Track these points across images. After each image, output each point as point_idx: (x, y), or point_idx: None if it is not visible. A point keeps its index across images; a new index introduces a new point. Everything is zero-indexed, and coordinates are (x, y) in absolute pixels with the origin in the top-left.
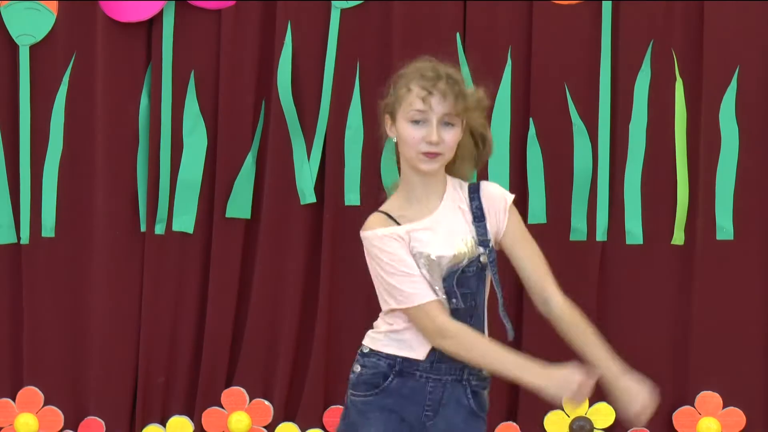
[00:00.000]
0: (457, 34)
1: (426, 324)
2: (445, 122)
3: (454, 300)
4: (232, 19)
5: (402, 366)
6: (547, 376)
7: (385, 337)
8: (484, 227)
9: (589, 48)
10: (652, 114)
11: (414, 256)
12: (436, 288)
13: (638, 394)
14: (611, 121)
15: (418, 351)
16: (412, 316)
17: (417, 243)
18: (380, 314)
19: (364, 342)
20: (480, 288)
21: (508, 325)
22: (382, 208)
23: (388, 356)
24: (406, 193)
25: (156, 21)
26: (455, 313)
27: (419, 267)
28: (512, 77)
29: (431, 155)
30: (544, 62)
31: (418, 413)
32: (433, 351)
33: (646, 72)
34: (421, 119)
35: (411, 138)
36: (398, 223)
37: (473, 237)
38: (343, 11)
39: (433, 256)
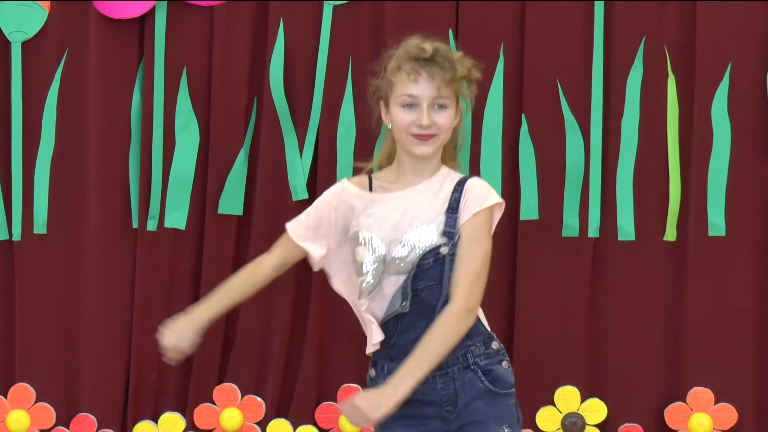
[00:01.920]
0: (450, 31)
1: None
2: (438, 105)
3: (404, 303)
4: (224, 16)
5: None
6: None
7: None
8: (455, 220)
9: (582, 44)
10: (645, 110)
11: (358, 232)
12: (369, 273)
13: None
14: (603, 118)
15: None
16: None
17: (372, 218)
18: None
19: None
20: (447, 276)
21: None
22: (375, 173)
23: (390, 370)
24: (397, 169)
25: (148, 18)
26: (426, 308)
27: (360, 244)
28: (505, 74)
29: (423, 137)
30: (536, 59)
31: (438, 411)
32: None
33: (638, 68)
34: (412, 103)
35: (402, 122)
36: (371, 190)
37: (439, 226)
38: (335, 8)
39: (380, 239)
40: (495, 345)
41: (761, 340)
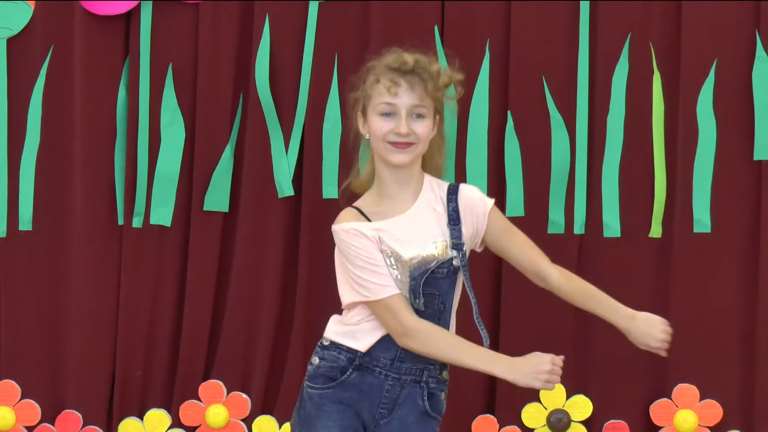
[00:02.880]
0: (435, 28)
1: (389, 320)
2: (416, 114)
3: (417, 300)
4: (210, 13)
5: (362, 360)
6: (516, 368)
7: (344, 328)
8: (459, 230)
9: (568, 41)
10: (630, 107)
11: (382, 252)
12: (400, 287)
13: (656, 324)
14: (589, 114)
15: (361, 342)
16: (376, 311)
17: (386, 241)
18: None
19: (325, 334)
20: (450, 291)
21: (483, 333)
22: (355, 203)
23: (349, 350)
24: (379, 189)
25: (134, 14)
26: (418, 314)
27: (387, 265)
28: (490, 70)
29: (400, 145)
30: (522, 55)
31: (373, 410)
32: (389, 348)
33: (623, 65)
34: (390, 112)
35: (379, 130)
36: (369, 219)
37: (445, 240)
38: (321, 5)
39: (401, 256)
40: (445, 374)
41: (746, 337)
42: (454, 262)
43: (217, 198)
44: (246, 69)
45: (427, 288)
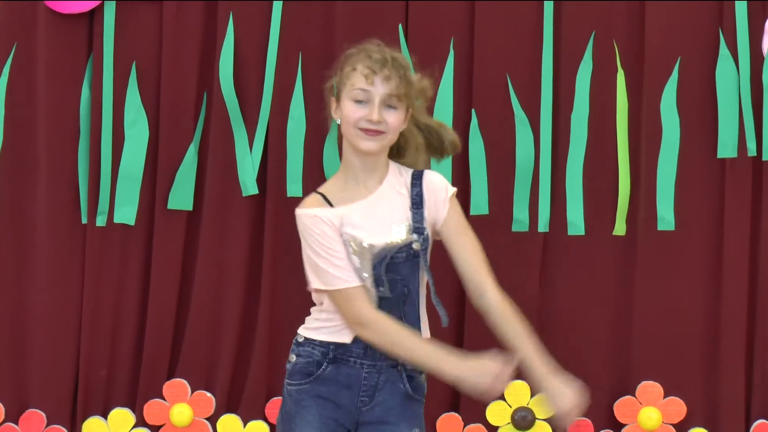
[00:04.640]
0: (400, 26)
1: (345, 308)
2: (388, 104)
3: (381, 288)
4: (173, 11)
5: (336, 353)
6: (465, 367)
7: (318, 323)
8: (421, 215)
9: (532, 39)
10: (594, 105)
11: (344, 241)
12: (365, 275)
13: (566, 395)
14: (553, 113)
15: (345, 335)
16: (334, 300)
17: (349, 227)
18: (313, 299)
19: (299, 331)
20: (413, 275)
21: (442, 312)
22: (320, 189)
23: (321, 344)
24: (345, 174)
25: (97, 12)
26: (384, 302)
27: (349, 252)
28: (455, 68)
29: (371, 132)
30: (486, 53)
31: (354, 399)
32: None
33: (587, 63)
34: (364, 99)
35: (352, 115)
36: (332, 206)
37: (409, 224)
38: (285, 3)
39: (364, 243)
40: None
41: (709, 334)
42: (414, 246)
43: (181, 196)
44: (210, 67)
45: (389, 273)
